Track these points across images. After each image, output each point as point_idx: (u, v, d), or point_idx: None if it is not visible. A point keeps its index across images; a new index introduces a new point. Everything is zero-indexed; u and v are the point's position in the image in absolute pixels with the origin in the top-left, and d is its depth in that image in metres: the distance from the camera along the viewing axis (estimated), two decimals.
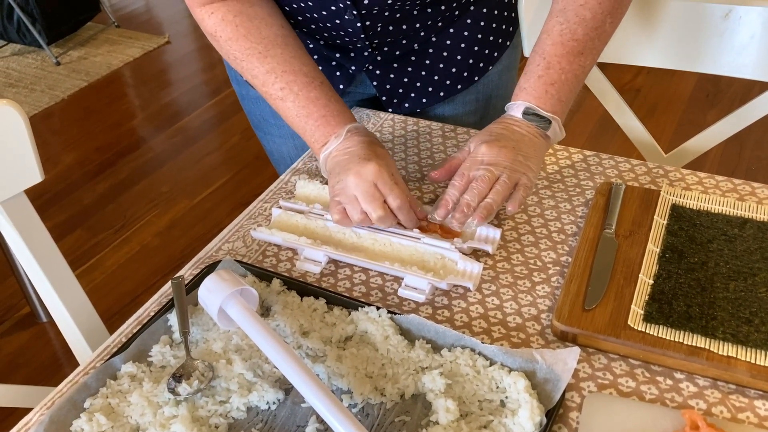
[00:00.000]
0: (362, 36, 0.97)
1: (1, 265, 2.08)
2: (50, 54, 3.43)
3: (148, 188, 2.57)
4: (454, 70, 1.06)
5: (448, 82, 1.07)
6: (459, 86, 1.08)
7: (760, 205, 0.85)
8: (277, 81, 0.88)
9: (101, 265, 2.20)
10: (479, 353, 0.71)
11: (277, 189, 0.97)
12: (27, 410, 0.72)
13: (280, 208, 0.90)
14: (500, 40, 1.08)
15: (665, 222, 0.82)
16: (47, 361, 1.91)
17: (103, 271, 2.17)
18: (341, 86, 1.07)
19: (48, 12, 3.40)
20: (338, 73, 1.07)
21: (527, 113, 0.86)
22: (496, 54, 1.09)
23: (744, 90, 2.85)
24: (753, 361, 0.66)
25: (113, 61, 3.45)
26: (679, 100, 2.84)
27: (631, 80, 2.94)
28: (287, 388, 0.70)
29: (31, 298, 1.95)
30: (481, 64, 1.08)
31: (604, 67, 1.14)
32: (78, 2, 3.59)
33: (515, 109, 0.87)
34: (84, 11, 3.65)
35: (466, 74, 1.07)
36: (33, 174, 0.85)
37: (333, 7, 0.93)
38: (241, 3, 0.90)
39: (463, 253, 0.81)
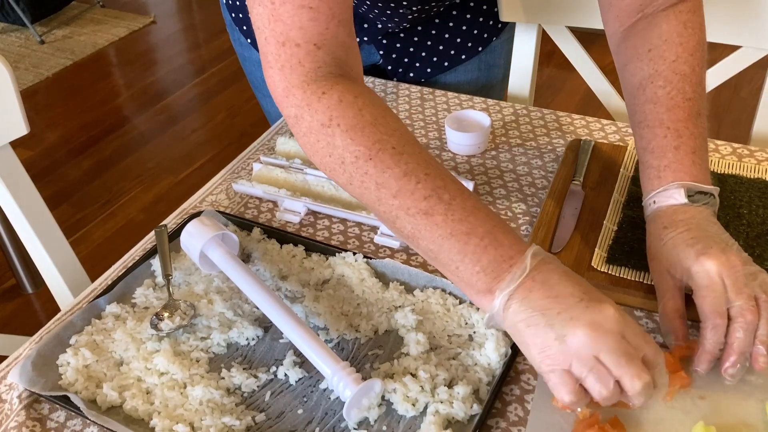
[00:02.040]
0: (381, 19, 0.96)
1: None
2: (34, 33, 3.42)
3: (134, 165, 2.58)
4: (458, 40, 1.08)
5: (452, 52, 1.09)
6: (463, 56, 1.10)
7: (722, 159, 0.88)
8: (420, 187, 0.62)
9: (87, 238, 2.21)
10: (450, 293, 0.74)
11: (260, 146, 1.00)
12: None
13: (261, 163, 0.93)
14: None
15: (631, 174, 0.86)
16: (33, 332, 1.92)
17: (88, 245, 2.19)
18: None
19: None
20: None
21: (691, 195, 0.70)
22: (500, 26, 1.11)
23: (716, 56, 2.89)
24: None
25: (98, 40, 3.44)
26: None
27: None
28: (266, 326, 0.73)
29: (17, 269, 1.97)
30: (485, 35, 1.10)
31: (589, 47, 1.17)
32: None
33: (674, 196, 0.69)
34: None
35: (470, 44, 1.09)
36: (18, 126, 0.87)
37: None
38: (354, 81, 0.68)
39: None
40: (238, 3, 1.07)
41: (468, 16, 1.07)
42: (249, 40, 1.11)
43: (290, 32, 0.64)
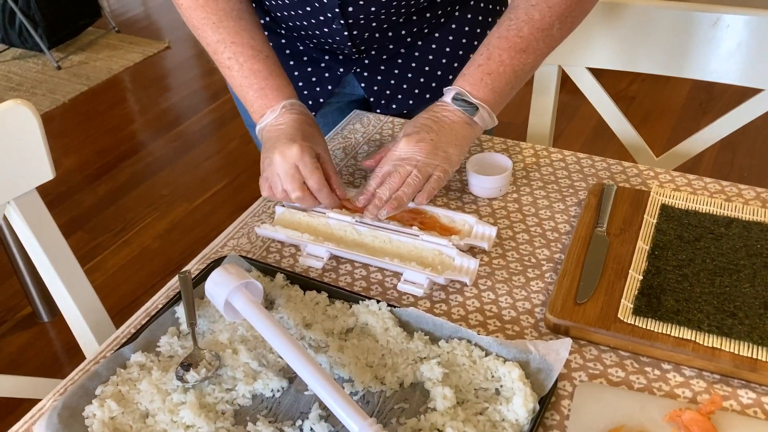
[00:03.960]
0: (349, 43, 1.01)
1: (3, 265, 2.10)
2: (51, 58, 3.46)
3: (148, 192, 2.59)
4: (439, 72, 1.10)
5: (433, 84, 1.11)
6: (444, 88, 1.11)
7: (746, 205, 0.88)
8: (226, 51, 0.94)
9: (101, 266, 2.22)
10: (475, 344, 0.74)
11: None
12: (34, 401, 0.74)
13: (283, 206, 0.93)
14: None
15: (655, 221, 0.86)
16: (48, 360, 1.93)
17: (103, 273, 2.19)
18: (330, 87, 1.10)
19: (50, 17, 3.43)
20: (327, 75, 1.10)
21: (456, 99, 0.90)
22: None
23: (737, 97, 2.89)
24: (736, 352, 0.69)
25: (114, 65, 3.48)
26: (673, 108, 2.89)
27: (626, 88, 2.99)
28: (291, 377, 0.73)
29: (33, 298, 1.97)
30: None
31: (600, 75, 1.17)
32: (79, 7, 3.62)
33: (447, 94, 0.91)
34: (85, 16, 3.68)
35: (450, 77, 1.10)
36: (45, 171, 0.88)
37: (321, 17, 0.96)
38: None
39: (461, 250, 0.84)
40: None
41: (447, 49, 1.08)
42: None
43: None
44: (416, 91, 1.11)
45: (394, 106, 1.13)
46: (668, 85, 3.00)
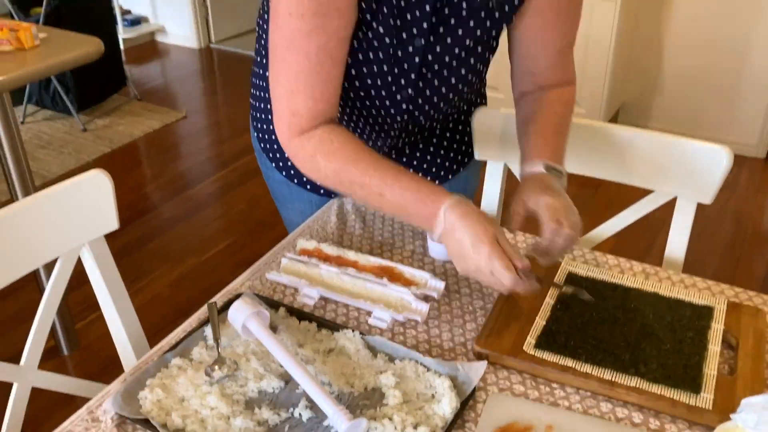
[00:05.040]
0: (398, 120, 1.22)
1: (35, 303, 2.37)
2: (78, 121, 3.81)
3: (161, 246, 2.89)
4: (425, 166, 1.41)
5: (428, 178, 1.41)
6: (437, 181, 1.42)
7: (633, 276, 1.19)
8: (373, 179, 1.03)
9: None
10: (421, 363, 1.02)
11: (286, 244, 1.31)
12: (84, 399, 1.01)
13: (287, 258, 1.24)
14: (469, 149, 1.43)
15: (562, 284, 1.16)
16: (67, 390, 2.17)
17: None
18: None
19: (81, 84, 3.81)
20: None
21: (548, 169, 1.11)
22: (466, 159, 1.44)
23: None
24: (601, 376, 0.98)
25: (135, 130, 3.84)
26: (632, 197, 3.22)
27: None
28: (287, 380, 1.01)
29: (57, 332, 2.24)
30: (454, 166, 1.42)
31: None
32: (107, 76, 4.01)
33: (537, 166, 1.12)
34: (112, 84, 4.07)
35: (442, 173, 1.41)
36: (112, 222, 1.19)
37: (394, 87, 1.16)
38: (330, 125, 1.08)
39: (417, 297, 1.14)
40: (266, 137, 1.39)
41: (441, 150, 1.38)
42: (273, 165, 1.42)
43: (299, 109, 1.06)
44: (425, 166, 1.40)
45: None
46: None
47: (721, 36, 3.46)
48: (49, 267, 1.14)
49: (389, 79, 1.14)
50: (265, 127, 1.37)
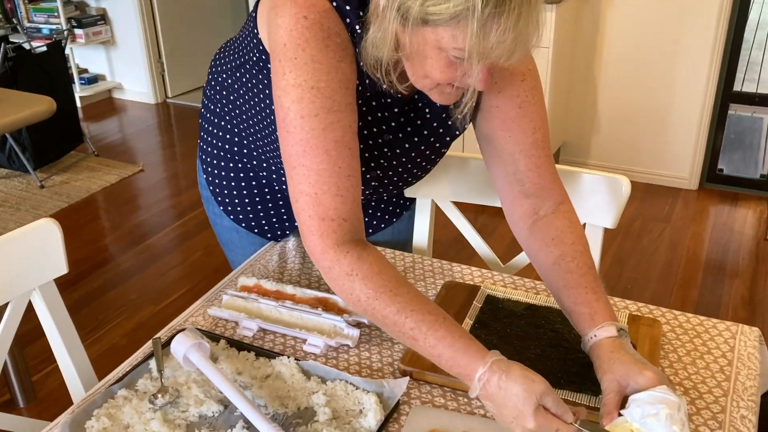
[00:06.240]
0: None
1: None
2: (35, 178, 3.86)
3: (118, 296, 2.94)
4: (386, 216, 1.52)
5: (386, 217, 1.52)
6: (382, 225, 1.53)
7: (547, 297, 1.30)
8: (407, 321, 0.98)
9: None
10: (350, 383, 1.11)
11: (228, 282, 1.39)
12: None
13: (228, 295, 1.32)
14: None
15: (480, 305, 1.27)
16: None
17: None
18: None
19: (37, 142, 3.88)
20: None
21: (620, 331, 1.04)
22: (408, 203, 1.56)
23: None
24: None
25: (92, 185, 3.90)
26: None
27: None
28: (225, 404, 1.09)
29: (13, 384, 2.26)
30: (398, 210, 1.54)
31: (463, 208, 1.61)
32: (63, 134, 4.08)
33: (610, 331, 1.04)
34: (68, 141, 4.13)
35: (387, 217, 1.53)
36: (61, 267, 1.27)
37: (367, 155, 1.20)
38: (363, 243, 1.03)
39: (348, 323, 1.23)
40: (216, 181, 1.49)
41: (393, 198, 1.51)
42: (222, 209, 1.51)
43: (328, 212, 1.00)
44: (374, 222, 1.49)
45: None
46: None
47: (648, 77, 3.69)
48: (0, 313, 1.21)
49: (360, 162, 1.11)
50: (216, 171, 1.46)
